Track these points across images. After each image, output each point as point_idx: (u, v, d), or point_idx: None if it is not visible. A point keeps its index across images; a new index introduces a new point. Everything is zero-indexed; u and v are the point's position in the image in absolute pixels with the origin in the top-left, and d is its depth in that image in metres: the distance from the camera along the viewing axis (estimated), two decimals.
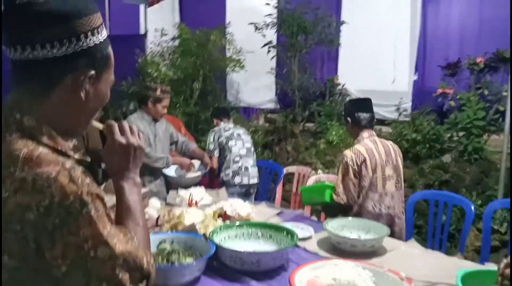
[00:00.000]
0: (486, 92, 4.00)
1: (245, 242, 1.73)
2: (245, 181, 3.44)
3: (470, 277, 1.29)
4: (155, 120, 2.99)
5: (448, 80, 4.34)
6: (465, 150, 3.95)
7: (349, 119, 2.47)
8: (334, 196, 2.33)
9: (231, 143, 3.50)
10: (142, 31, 5.83)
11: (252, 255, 1.51)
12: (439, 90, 4.20)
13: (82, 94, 0.75)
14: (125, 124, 0.87)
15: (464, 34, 4.55)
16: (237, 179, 3.41)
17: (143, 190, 1.93)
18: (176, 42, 5.28)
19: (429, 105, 4.40)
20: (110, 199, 1.91)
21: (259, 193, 3.76)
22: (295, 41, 5.07)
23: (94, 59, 0.75)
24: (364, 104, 2.50)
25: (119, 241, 0.71)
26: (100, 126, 0.87)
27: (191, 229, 1.66)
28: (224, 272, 1.53)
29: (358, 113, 2.40)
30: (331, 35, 5.07)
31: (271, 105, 6.10)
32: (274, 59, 5.42)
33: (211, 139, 3.54)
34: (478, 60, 4.05)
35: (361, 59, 5.08)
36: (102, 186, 2.04)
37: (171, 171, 3.04)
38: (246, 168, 3.47)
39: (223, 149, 3.51)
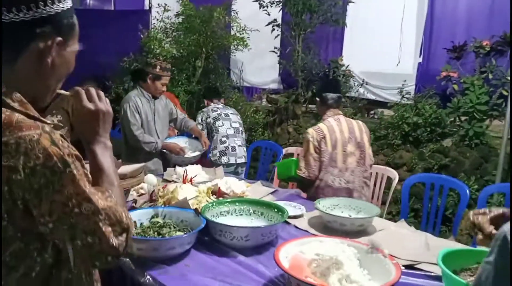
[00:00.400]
0: (490, 76, 3.94)
1: (237, 218, 1.77)
2: (232, 160, 3.45)
3: (452, 256, 1.31)
4: (155, 97, 3.00)
5: (453, 63, 4.27)
6: (466, 135, 3.92)
7: (317, 98, 2.62)
8: (298, 171, 2.48)
9: (218, 123, 3.51)
10: (146, 6, 5.76)
11: (241, 230, 1.55)
12: (443, 73, 4.13)
13: (49, 61, 0.77)
14: (93, 90, 0.90)
15: (472, 16, 4.44)
16: (224, 159, 3.42)
17: (139, 165, 1.96)
18: (180, 19, 5.22)
19: (432, 88, 4.35)
20: None
21: (258, 172, 3.79)
22: (299, 20, 4.98)
23: (60, 26, 0.78)
24: (332, 84, 2.69)
25: (99, 198, 0.76)
26: (67, 93, 0.89)
27: (183, 204, 1.70)
28: (214, 247, 1.57)
29: (325, 93, 2.53)
30: (337, 14, 4.98)
31: (274, 85, 6.07)
32: (279, 38, 5.35)
33: (199, 120, 3.55)
34: (484, 43, 3.96)
35: (367, 40, 5.00)
36: None
37: None
38: (234, 148, 3.47)
39: (211, 130, 3.51)
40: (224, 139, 3.46)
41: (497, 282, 0.55)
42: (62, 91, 0.87)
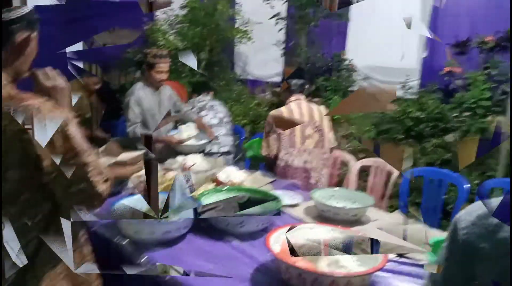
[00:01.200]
0: (493, 72, 3.92)
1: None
2: (214, 149, 3.44)
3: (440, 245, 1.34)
4: (157, 87, 3.02)
5: (457, 59, 4.26)
6: (468, 130, 3.92)
7: (281, 84, 2.71)
8: (261, 150, 2.69)
9: (202, 113, 3.51)
10: None
11: (236, 217, 1.59)
12: (446, 69, 4.13)
13: (27, 51, 0.95)
14: (48, 69, 1.02)
15: (478, 12, 4.41)
16: (206, 148, 3.43)
17: (139, 152, 2.00)
18: (184, 11, 5.24)
19: (436, 83, 4.34)
20: (109, 160, 1.98)
21: (260, 163, 3.82)
22: (303, 13, 4.98)
23: (30, 21, 0.94)
24: (297, 72, 2.91)
25: (86, 154, 0.93)
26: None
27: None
28: (209, 231, 1.62)
29: (290, 79, 2.71)
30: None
31: (278, 79, 6.08)
32: (282, 31, 5.35)
33: None
34: (488, 39, 3.94)
35: (370, 35, 4.98)
36: (101, 148, 2.13)
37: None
38: (216, 137, 3.48)
39: None
40: (212, 130, 3.47)
41: (446, 267, 0.58)
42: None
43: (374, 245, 1.36)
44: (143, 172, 2.17)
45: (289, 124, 2.54)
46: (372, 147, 0.85)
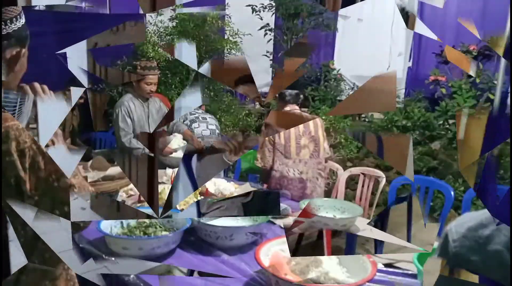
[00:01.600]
0: (477, 80, 4.02)
1: (223, 218, 1.80)
2: None
3: (428, 256, 1.36)
4: (146, 99, 3.03)
5: (441, 68, 4.36)
6: (454, 138, 4.00)
7: (277, 95, 2.83)
8: (255, 161, 2.71)
9: (194, 125, 3.54)
10: (141, 10, 5.79)
11: (226, 229, 1.59)
12: (431, 77, 4.22)
13: (16, 68, 0.92)
14: (37, 85, 0.98)
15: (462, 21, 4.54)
16: None
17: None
18: (174, 23, 5.26)
19: (421, 92, 4.43)
20: (96, 174, 1.97)
21: (249, 175, 3.83)
22: (291, 25, 5.06)
23: (21, 37, 0.92)
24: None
25: (71, 175, 0.90)
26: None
27: None
28: (199, 246, 1.61)
29: (284, 89, 2.71)
30: (328, 19, 5.05)
31: (267, 89, 6.13)
32: (271, 42, 5.41)
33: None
34: (471, 47, 4.05)
35: (357, 45, 5.08)
36: (89, 163, 2.12)
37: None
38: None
39: None
40: (199, 140, 3.49)
41: (436, 280, 0.59)
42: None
43: (378, 246, 1.38)
44: (131, 186, 2.17)
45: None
46: (376, 147, 0.80)
